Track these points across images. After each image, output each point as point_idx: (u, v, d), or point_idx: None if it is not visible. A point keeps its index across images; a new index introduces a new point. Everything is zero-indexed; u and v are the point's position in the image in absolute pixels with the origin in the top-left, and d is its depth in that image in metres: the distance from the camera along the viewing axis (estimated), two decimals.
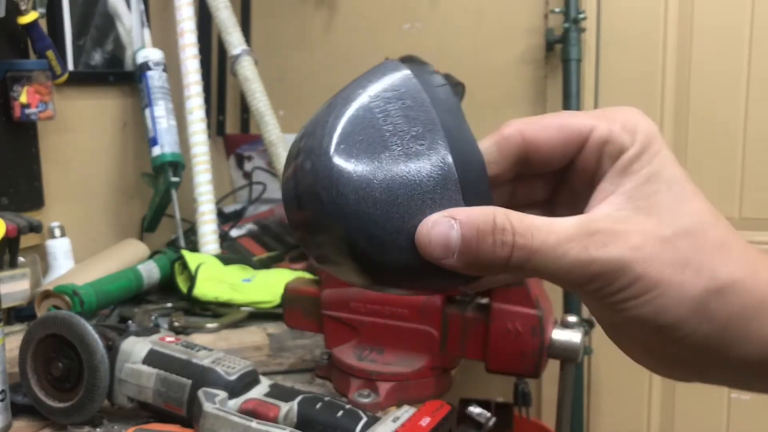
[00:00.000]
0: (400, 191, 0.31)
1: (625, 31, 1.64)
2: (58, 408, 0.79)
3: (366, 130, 0.31)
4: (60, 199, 1.40)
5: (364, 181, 0.30)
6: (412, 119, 0.32)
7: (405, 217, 0.31)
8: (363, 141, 0.31)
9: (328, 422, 0.70)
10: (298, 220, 0.32)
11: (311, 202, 0.31)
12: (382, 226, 0.30)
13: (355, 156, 0.31)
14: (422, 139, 0.32)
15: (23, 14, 1.23)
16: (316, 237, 0.32)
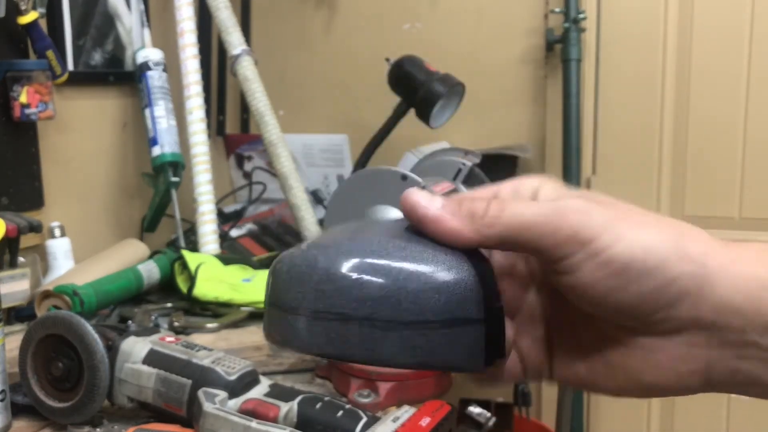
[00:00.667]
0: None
1: (625, 31, 1.64)
2: (58, 408, 0.79)
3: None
4: (60, 199, 1.40)
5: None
6: None
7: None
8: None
9: (328, 422, 0.70)
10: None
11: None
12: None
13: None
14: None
15: (23, 14, 1.23)
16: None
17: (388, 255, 0.32)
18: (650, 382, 0.35)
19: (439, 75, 1.51)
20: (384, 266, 0.32)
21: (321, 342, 0.32)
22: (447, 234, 0.34)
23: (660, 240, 0.33)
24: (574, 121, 1.62)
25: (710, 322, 0.33)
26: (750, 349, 0.33)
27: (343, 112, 1.89)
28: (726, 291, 0.32)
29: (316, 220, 1.40)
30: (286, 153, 1.41)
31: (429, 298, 0.32)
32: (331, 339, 0.32)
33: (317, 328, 0.32)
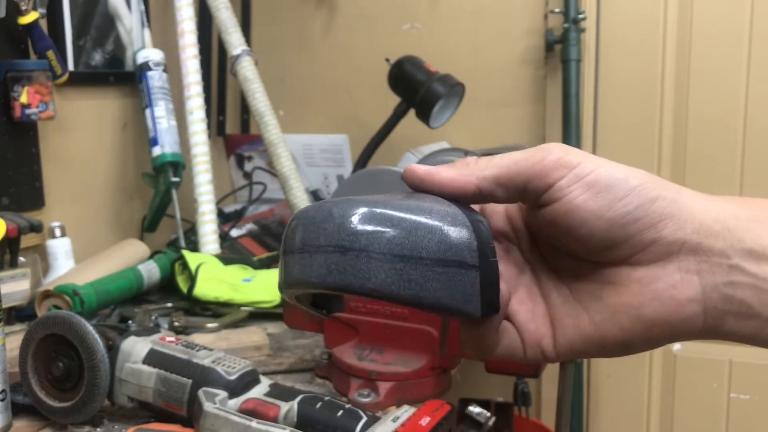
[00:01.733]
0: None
1: (624, 31, 1.65)
2: (59, 408, 0.79)
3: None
4: (60, 199, 1.40)
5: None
6: None
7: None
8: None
9: (328, 422, 0.70)
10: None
11: None
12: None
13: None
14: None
15: (23, 14, 1.24)
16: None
17: (388, 204, 0.35)
18: (652, 316, 0.36)
19: (438, 75, 1.51)
20: (384, 211, 0.35)
21: (322, 273, 0.34)
22: (444, 182, 0.37)
23: (636, 170, 0.36)
24: (573, 121, 1.62)
25: (695, 244, 0.35)
26: (738, 275, 0.35)
27: (343, 112, 1.89)
28: (703, 216, 0.35)
29: None
30: (286, 153, 1.41)
31: (422, 236, 0.34)
32: (330, 269, 0.34)
33: (318, 260, 0.34)
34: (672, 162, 1.65)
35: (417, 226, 0.34)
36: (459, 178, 0.37)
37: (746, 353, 1.63)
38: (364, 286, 0.34)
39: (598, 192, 0.35)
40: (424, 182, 0.38)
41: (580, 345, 0.38)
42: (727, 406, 1.65)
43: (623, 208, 0.35)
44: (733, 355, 1.64)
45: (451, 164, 0.38)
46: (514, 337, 0.39)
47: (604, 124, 1.69)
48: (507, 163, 0.37)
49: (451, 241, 0.35)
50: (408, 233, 0.34)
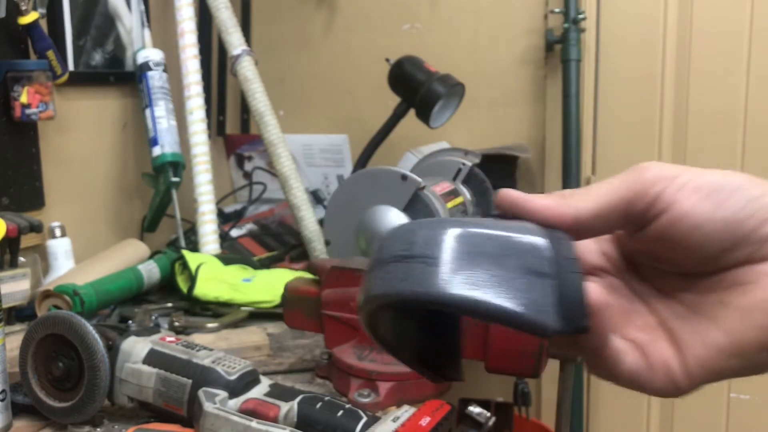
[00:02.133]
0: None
1: (624, 31, 1.65)
2: (59, 408, 0.79)
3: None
4: (60, 199, 1.40)
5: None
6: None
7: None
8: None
9: (329, 422, 0.70)
10: None
11: None
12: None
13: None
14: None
15: (23, 14, 1.24)
16: None
17: (467, 223, 0.34)
18: None
19: (438, 75, 1.51)
20: (460, 227, 0.34)
21: (395, 282, 0.33)
22: (538, 209, 0.36)
23: (733, 173, 0.35)
24: (573, 121, 1.63)
25: None
26: None
27: (343, 112, 1.89)
28: None
29: (316, 220, 1.40)
30: (286, 153, 1.41)
31: (492, 245, 0.33)
32: (400, 278, 0.32)
33: (393, 271, 0.33)
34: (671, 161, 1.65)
35: (489, 237, 0.33)
36: (554, 208, 0.36)
37: None
38: (435, 293, 0.32)
39: (707, 194, 0.34)
40: (516, 206, 0.36)
41: (714, 360, 0.36)
42: (727, 405, 1.65)
43: (735, 205, 0.34)
44: None
45: (546, 194, 0.37)
46: (639, 360, 0.37)
47: (604, 124, 1.69)
48: (604, 191, 0.36)
49: (521, 248, 0.33)
50: (479, 243, 0.33)
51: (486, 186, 1.43)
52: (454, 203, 1.32)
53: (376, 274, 0.34)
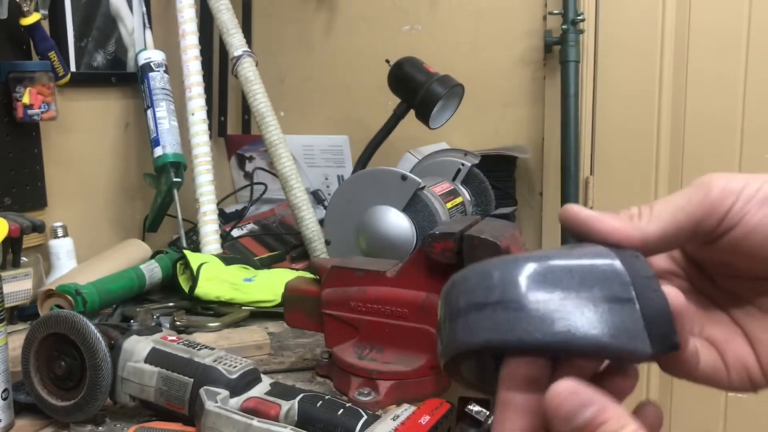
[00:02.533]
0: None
1: (623, 32, 1.65)
2: (61, 406, 0.80)
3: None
4: (62, 200, 1.40)
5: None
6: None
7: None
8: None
9: (329, 420, 0.70)
10: None
11: None
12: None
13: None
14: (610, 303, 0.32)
15: (26, 15, 1.24)
16: None
17: (538, 257, 0.33)
18: None
19: (438, 76, 1.51)
20: (534, 262, 0.33)
21: (480, 332, 0.32)
22: (607, 231, 0.35)
23: None
24: (572, 122, 1.63)
25: None
26: None
27: (344, 113, 1.90)
28: None
29: (317, 220, 1.41)
30: (286, 153, 1.42)
31: (570, 276, 0.32)
32: (486, 327, 0.32)
33: (477, 320, 0.32)
34: (669, 162, 1.66)
35: (564, 269, 0.32)
36: (622, 230, 0.35)
37: None
38: (513, 337, 0.31)
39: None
40: (585, 226, 0.35)
41: None
42: (725, 405, 1.66)
43: None
44: None
45: (613, 215, 0.36)
46: (716, 358, 0.38)
47: (603, 124, 1.69)
48: (671, 212, 0.35)
49: (599, 275, 0.32)
50: (556, 278, 0.32)
51: (485, 186, 1.43)
52: (454, 203, 1.32)
53: (458, 323, 0.32)
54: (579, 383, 0.30)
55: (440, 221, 1.22)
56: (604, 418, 0.29)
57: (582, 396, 0.30)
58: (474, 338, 0.32)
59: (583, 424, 0.29)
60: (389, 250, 1.20)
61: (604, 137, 1.69)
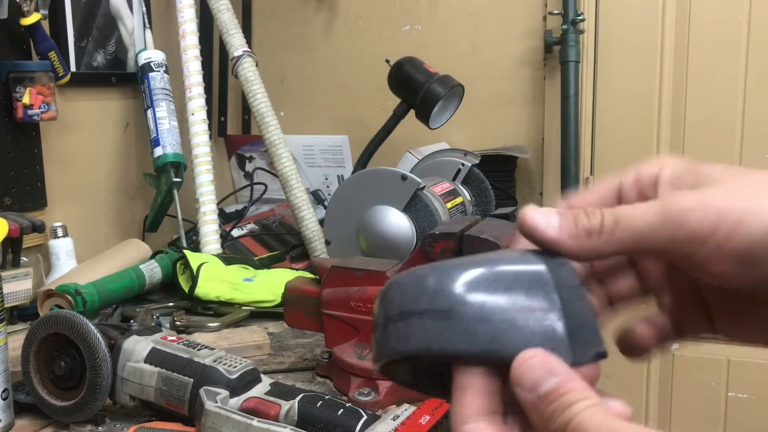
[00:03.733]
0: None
1: (623, 32, 1.65)
2: (61, 406, 0.80)
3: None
4: (62, 200, 1.40)
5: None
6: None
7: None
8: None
9: (329, 420, 0.70)
10: None
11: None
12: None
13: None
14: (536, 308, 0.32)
15: (26, 15, 1.24)
16: None
17: (467, 264, 0.33)
18: None
19: (438, 76, 1.51)
20: (462, 271, 0.33)
21: (396, 343, 0.32)
22: (549, 244, 0.34)
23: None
24: (572, 122, 1.63)
25: None
26: None
27: (344, 113, 1.90)
28: None
29: (317, 220, 1.41)
30: (287, 153, 1.42)
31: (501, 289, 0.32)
32: (400, 338, 0.32)
33: (393, 330, 0.33)
34: None
35: (489, 277, 0.32)
36: (582, 254, 0.33)
37: (744, 352, 1.64)
38: (432, 348, 0.32)
39: (739, 260, 0.32)
40: (528, 234, 0.34)
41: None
42: (725, 404, 1.66)
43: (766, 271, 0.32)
44: (731, 354, 1.64)
45: (572, 225, 0.34)
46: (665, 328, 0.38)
47: (603, 125, 1.69)
48: (630, 239, 0.33)
49: (523, 283, 0.32)
50: (481, 285, 0.32)
51: (485, 186, 1.43)
52: (454, 203, 1.32)
53: (390, 329, 0.33)
54: (546, 354, 0.30)
55: (440, 221, 1.22)
56: (567, 388, 0.29)
57: (548, 365, 0.30)
58: (403, 346, 0.32)
59: (545, 393, 0.29)
60: (389, 250, 1.20)
61: (604, 137, 1.69)
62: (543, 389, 0.29)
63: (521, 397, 0.30)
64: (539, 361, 0.30)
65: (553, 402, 0.29)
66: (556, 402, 0.29)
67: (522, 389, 0.30)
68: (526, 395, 0.30)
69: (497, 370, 0.31)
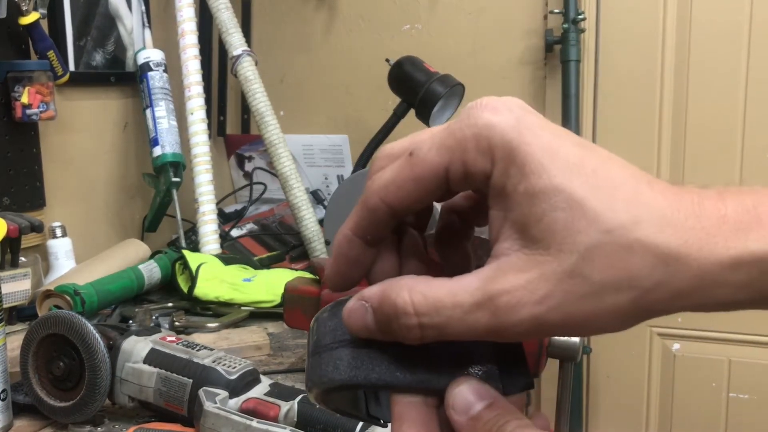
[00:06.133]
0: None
1: (624, 31, 1.65)
2: (60, 407, 0.79)
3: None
4: (61, 199, 1.40)
5: None
6: None
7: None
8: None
9: (328, 421, 0.70)
10: None
11: None
12: None
13: None
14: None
15: (24, 15, 1.24)
16: None
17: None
18: None
19: (438, 75, 1.51)
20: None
21: (330, 371, 0.33)
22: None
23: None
24: (573, 121, 1.63)
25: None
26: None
27: (344, 112, 1.89)
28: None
29: (316, 220, 1.40)
30: (286, 153, 1.42)
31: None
32: (336, 367, 0.33)
33: (323, 360, 0.33)
34: (671, 162, 1.65)
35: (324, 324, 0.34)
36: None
37: (745, 353, 1.63)
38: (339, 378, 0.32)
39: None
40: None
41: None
42: (726, 405, 1.66)
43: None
44: (732, 354, 1.64)
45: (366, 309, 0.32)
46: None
47: (604, 124, 1.69)
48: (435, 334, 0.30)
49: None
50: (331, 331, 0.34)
51: None
52: None
53: (324, 357, 0.33)
54: (478, 381, 0.31)
55: None
56: (498, 410, 0.30)
57: (480, 390, 0.31)
58: (339, 375, 0.32)
59: (478, 414, 0.30)
60: None
61: (605, 137, 1.69)
62: (474, 411, 0.30)
63: (454, 420, 0.30)
64: (471, 387, 0.30)
65: (485, 423, 0.29)
66: (487, 423, 0.29)
67: (456, 412, 0.30)
68: (460, 418, 0.30)
69: (433, 396, 0.32)
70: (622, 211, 0.28)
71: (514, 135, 0.28)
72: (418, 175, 0.30)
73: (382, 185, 0.31)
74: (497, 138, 0.29)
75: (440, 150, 0.30)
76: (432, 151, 0.30)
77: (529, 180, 0.28)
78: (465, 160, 0.29)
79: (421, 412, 0.31)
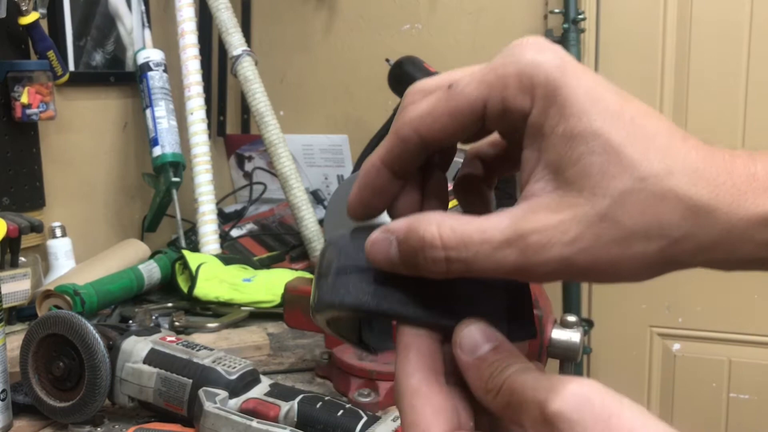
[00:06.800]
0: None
1: (624, 31, 1.65)
2: (59, 407, 0.79)
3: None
4: (61, 199, 1.40)
5: None
6: None
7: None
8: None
9: (329, 421, 0.70)
10: None
11: None
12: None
13: None
14: None
15: (24, 15, 1.24)
16: None
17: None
18: None
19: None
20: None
21: (342, 295, 0.33)
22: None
23: None
24: None
25: None
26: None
27: (343, 112, 1.89)
28: None
29: (316, 220, 1.40)
30: (286, 153, 1.42)
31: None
32: (348, 292, 0.33)
33: (338, 282, 0.33)
34: None
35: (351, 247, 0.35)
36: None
37: (745, 353, 1.63)
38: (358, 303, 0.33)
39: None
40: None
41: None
42: (726, 405, 1.65)
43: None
44: (732, 355, 1.64)
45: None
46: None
47: None
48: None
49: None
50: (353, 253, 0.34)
51: None
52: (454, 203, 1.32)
53: (340, 280, 0.34)
54: (486, 323, 0.31)
55: None
56: (504, 352, 0.30)
57: (487, 332, 0.30)
58: (351, 299, 0.33)
59: (484, 355, 0.30)
60: None
61: None
62: (481, 351, 0.30)
63: (460, 359, 0.30)
64: (479, 328, 0.30)
65: (491, 364, 0.30)
66: (492, 364, 0.29)
67: (462, 351, 0.30)
68: (466, 357, 0.30)
69: (439, 333, 0.32)
70: (656, 161, 0.28)
71: (558, 75, 0.29)
72: (455, 109, 0.31)
73: (416, 116, 0.31)
74: (541, 77, 0.29)
75: (480, 85, 0.30)
76: (471, 85, 0.31)
77: (568, 122, 0.28)
78: (505, 97, 0.30)
79: (427, 344, 0.32)
